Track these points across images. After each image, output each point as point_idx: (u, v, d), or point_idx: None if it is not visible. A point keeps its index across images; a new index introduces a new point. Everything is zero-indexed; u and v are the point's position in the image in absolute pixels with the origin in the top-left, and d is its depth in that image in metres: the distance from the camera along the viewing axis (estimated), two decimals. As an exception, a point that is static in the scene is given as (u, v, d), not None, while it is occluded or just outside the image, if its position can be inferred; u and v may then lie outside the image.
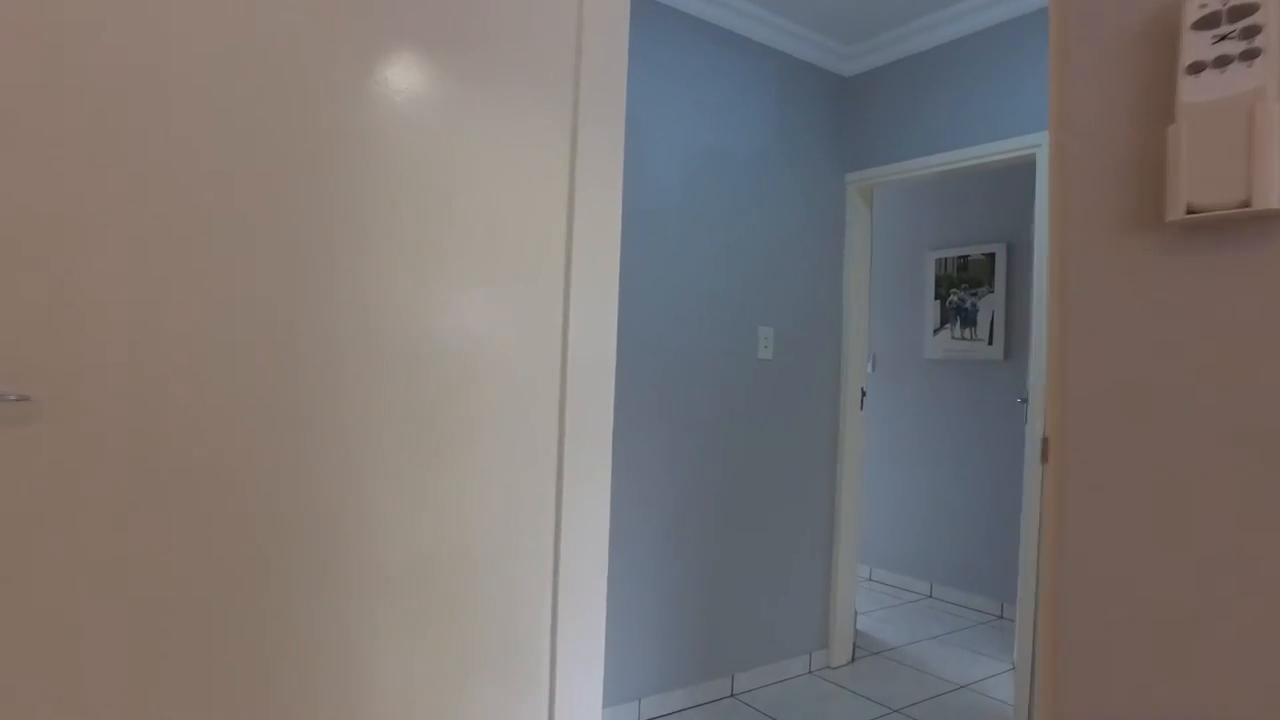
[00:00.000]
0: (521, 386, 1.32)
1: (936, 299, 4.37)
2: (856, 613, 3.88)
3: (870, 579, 4.60)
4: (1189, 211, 0.94)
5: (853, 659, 3.31)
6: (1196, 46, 0.96)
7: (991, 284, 4.11)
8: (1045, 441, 1.08)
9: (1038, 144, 2.63)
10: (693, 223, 2.78)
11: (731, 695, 2.91)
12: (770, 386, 2.99)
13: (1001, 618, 3.93)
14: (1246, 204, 0.91)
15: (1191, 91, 0.95)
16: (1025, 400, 3.28)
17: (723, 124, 2.87)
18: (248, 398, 1.10)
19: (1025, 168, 3.99)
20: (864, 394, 3.25)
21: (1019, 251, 4.01)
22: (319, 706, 1.14)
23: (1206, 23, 0.95)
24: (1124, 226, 1.02)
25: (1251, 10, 0.93)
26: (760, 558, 3.00)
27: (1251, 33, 0.92)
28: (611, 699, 2.59)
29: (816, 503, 3.17)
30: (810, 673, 3.16)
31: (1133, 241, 1.01)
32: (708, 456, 2.82)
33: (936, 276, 4.38)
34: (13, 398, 0.98)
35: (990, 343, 4.08)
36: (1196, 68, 0.96)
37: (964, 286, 4.24)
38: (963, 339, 4.22)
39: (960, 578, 4.16)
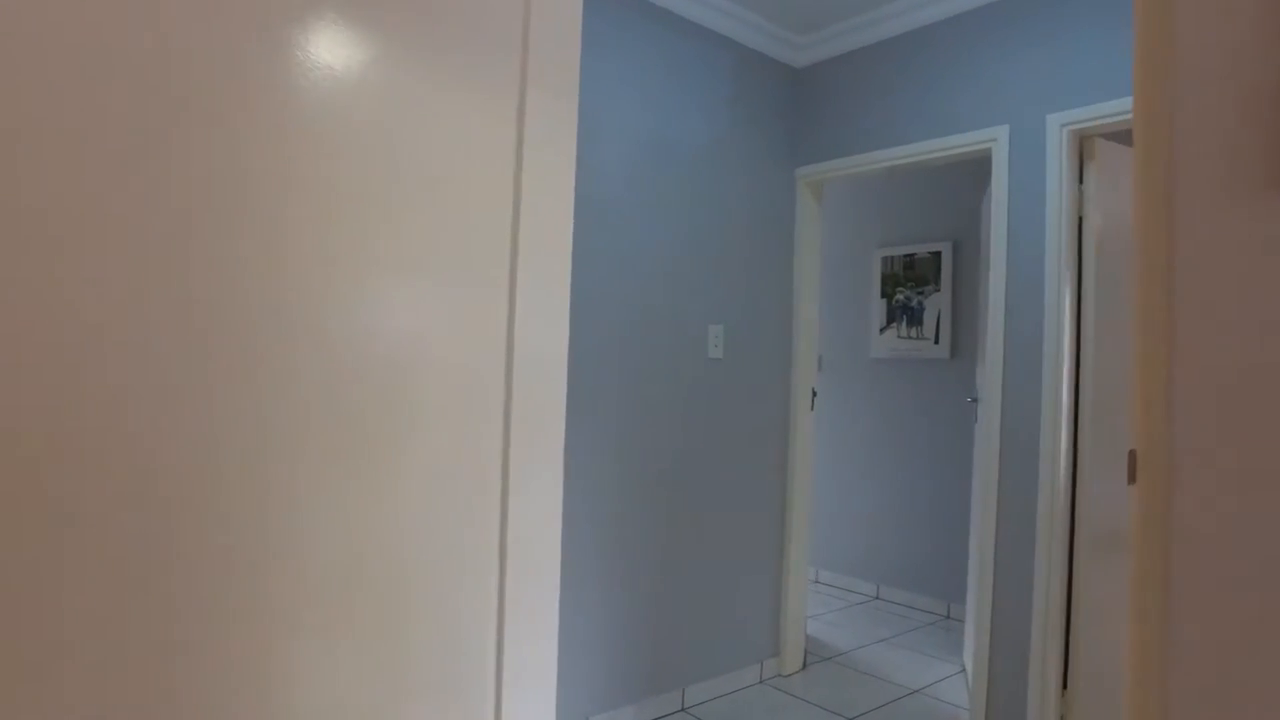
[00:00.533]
0: (460, 386, 1.16)
1: (883, 297, 4.34)
2: (806, 617, 3.81)
3: (817, 581, 4.55)
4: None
5: (804, 666, 3.22)
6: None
7: (938, 282, 4.09)
8: (1132, 456, 0.88)
9: (994, 138, 2.59)
10: (641, 214, 2.65)
11: (682, 709, 2.79)
12: (721, 386, 2.88)
13: (948, 618, 3.92)
14: None
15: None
16: (976, 399, 3.25)
17: (672, 113, 2.75)
18: (151, 403, 0.92)
19: (973, 164, 3.99)
20: (815, 394, 3.17)
21: (965, 250, 4.01)
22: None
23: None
24: (1263, 192, 0.80)
25: None
26: (710, 564, 2.88)
27: None
28: (558, 718, 2.43)
29: (767, 506, 3.08)
30: (762, 682, 3.07)
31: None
32: (657, 459, 2.69)
33: (882, 275, 4.35)
34: None
35: (937, 341, 4.07)
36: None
37: (910, 285, 4.22)
38: (909, 338, 4.19)
39: (907, 578, 4.13)
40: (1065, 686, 2.45)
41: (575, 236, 2.46)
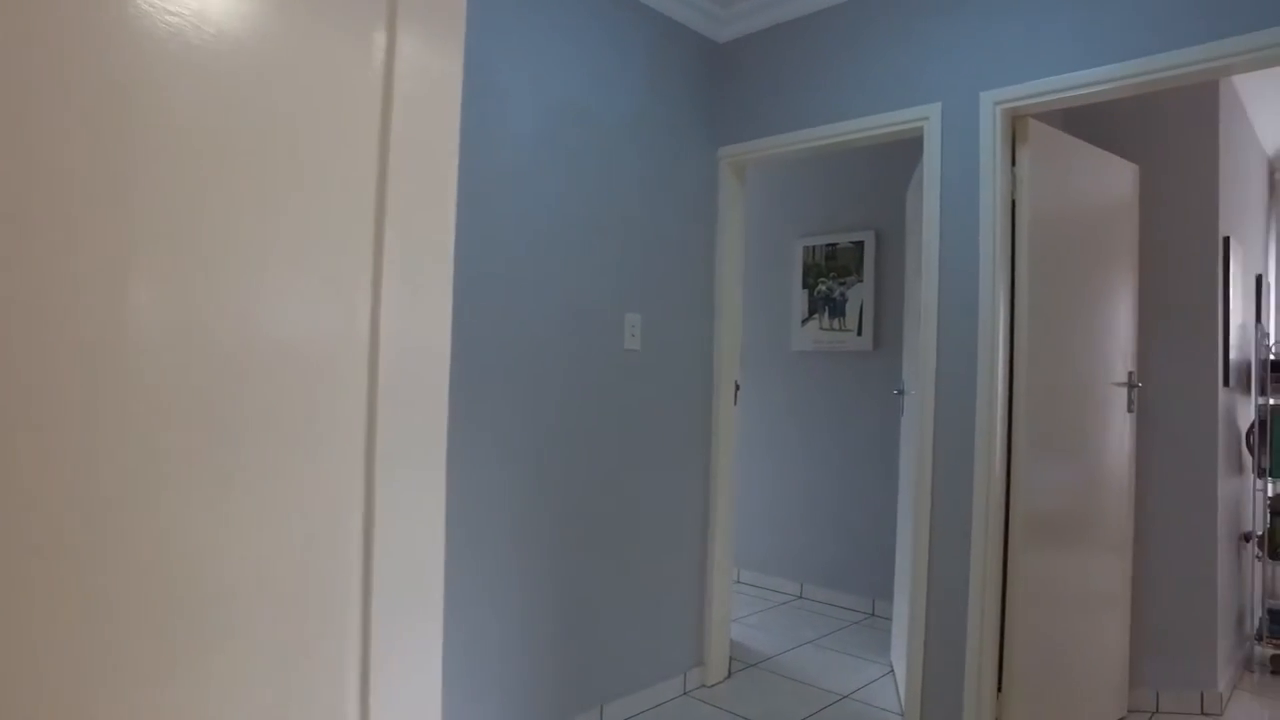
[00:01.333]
0: (309, 385, 0.89)
1: (804, 288, 4.23)
2: (731, 622, 3.64)
3: (739, 581, 4.40)
4: None
5: (729, 674, 3.05)
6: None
7: (860, 273, 4.00)
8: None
9: (926, 116, 2.46)
10: (550, 192, 2.40)
11: (600, 732, 2.56)
12: (638, 379, 2.66)
13: (873, 615, 3.83)
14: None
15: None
16: (902, 392, 3.14)
17: (587, 84, 2.51)
18: None
19: (896, 152, 3.90)
20: (738, 388, 2.99)
21: (888, 239, 3.93)
22: None
23: None
24: None
25: None
26: (629, 571, 2.66)
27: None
28: (459, 756, 2.16)
29: (689, 506, 2.88)
30: (686, 694, 2.87)
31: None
32: (568, 458, 2.45)
33: (804, 265, 4.23)
34: None
35: (859, 333, 3.97)
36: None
37: (832, 276, 4.11)
38: (831, 329, 4.09)
39: (831, 577, 4.03)
40: (1000, 689, 2.35)
41: (474, 212, 2.19)
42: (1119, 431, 2.66)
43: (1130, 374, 2.70)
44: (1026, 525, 2.35)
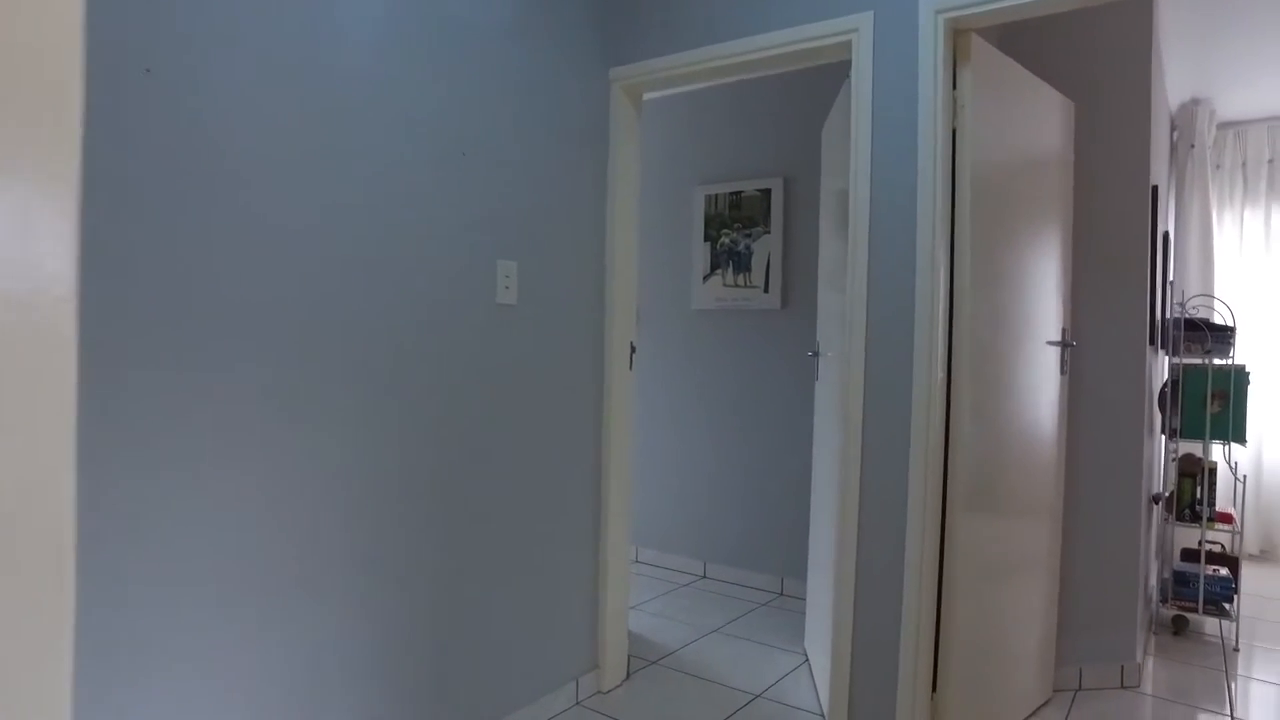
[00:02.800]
0: None
1: (706, 241, 3.85)
2: (629, 613, 3.28)
3: (638, 561, 4.05)
4: None
5: (628, 675, 2.69)
6: None
7: (767, 223, 3.65)
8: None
9: (855, 28, 2.08)
10: (402, 111, 1.87)
11: (476, 765, 2.14)
12: (515, 339, 2.20)
13: (782, 595, 3.56)
14: None
15: None
16: (817, 354, 2.82)
17: (443, -35, 1.98)
18: None
19: (806, 88, 3.54)
20: (633, 349, 2.58)
21: (798, 186, 3.58)
22: None
23: None
24: None
25: None
26: (508, 563, 2.23)
27: None
28: (287, 827, 1.69)
29: (578, 484, 2.47)
30: (579, 704, 2.49)
31: None
32: (427, 436, 1.97)
33: (705, 215, 3.85)
34: None
35: (766, 290, 3.64)
36: None
37: (737, 226, 3.75)
38: (736, 286, 3.74)
39: (737, 554, 3.73)
40: (935, 687, 2.08)
41: (297, 123, 1.65)
42: (1051, 394, 2.42)
43: (1064, 332, 2.47)
44: (967, 498, 2.07)
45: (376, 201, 1.81)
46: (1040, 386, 2.37)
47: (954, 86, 2.04)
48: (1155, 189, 2.64)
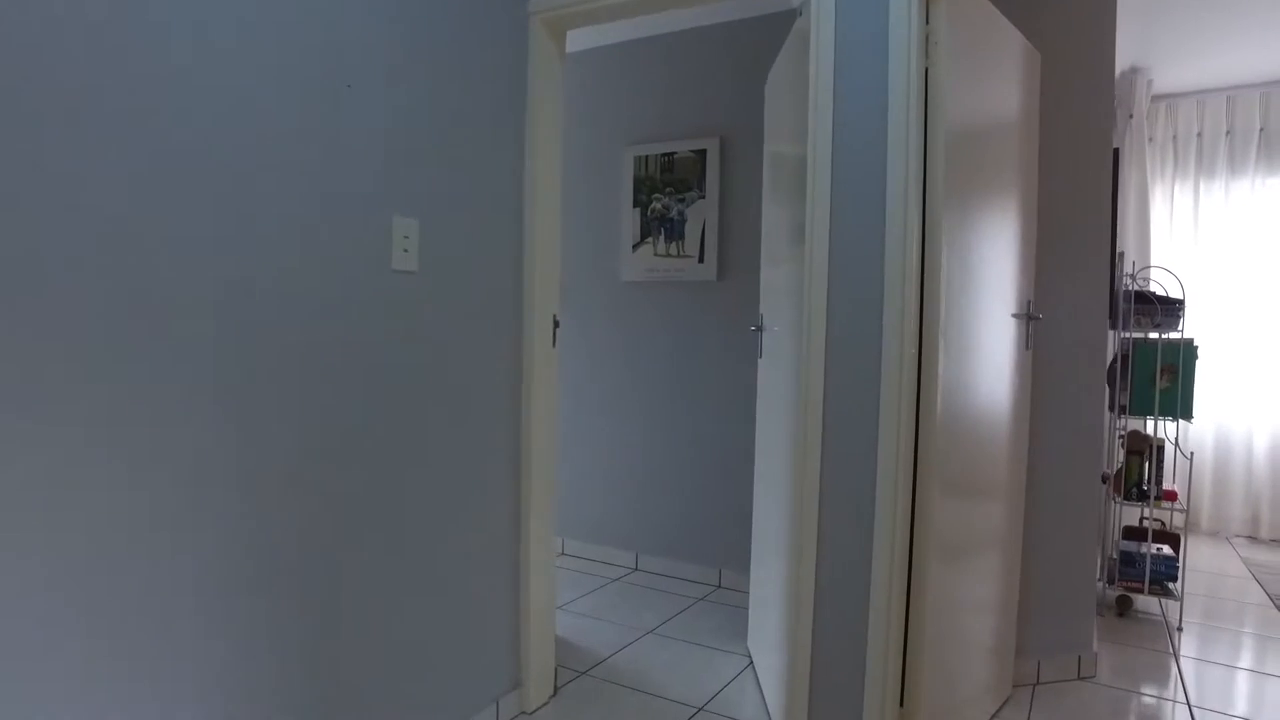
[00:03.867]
0: None
1: (635, 207, 3.53)
2: (555, 614, 2.98)
3: (564, 554, 3.75)
4: None
5: (555, 691, 2.39)
6: None
7: (702, 187, 3.36)
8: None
9: (815, -56, 1.79)
10: (273, 33, 1.48)
11: (377, 818, 1.81)
12: (415, 312, 1.85)
13: (720, 588, 3.33)
14: None
15: None
16: (760, 328, 2.57)
17: None
18: None
19: (745, 39, 3.25)
20: (556, 324, 2.25)
21: (736, 147, 3.30)
22: None
23: None
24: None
25: None
26: (413, 567, 1.89)
27: None
28: None
29: (495, 478, 2.14)
30: (499, 728, 2.18)
31: None
32: (309, 430, 1.61)
33: (635, 179, 3.53)
34: None
35: (701, 260, 3.36)
36: None
37: (669, 191, 3.45)
38: (668, 255, 3.44)
39: (671, 544, 3.48)
40: (903, 700, 1.86)
41: (110, 42, 1.24)
42: (1015, 370, 2.23)
43: (1029, 304, 2.28)
44: (939, 483, 1.85)
45: (222, 148, 1.42)
46: (1005, 362, 2.17)
47: (925, 21, 1.78)
48: (1117, 152, 2.47)
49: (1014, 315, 2.20)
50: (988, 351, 2.06)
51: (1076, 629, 2.47)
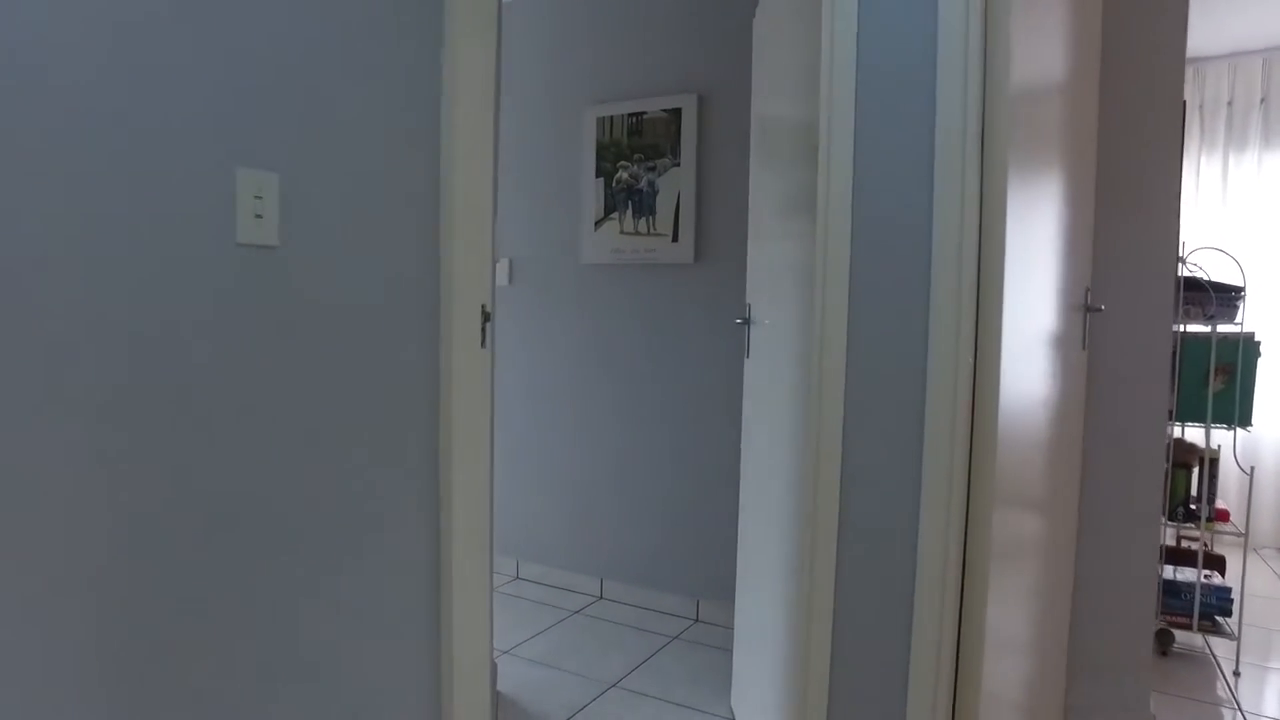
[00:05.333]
0: None
1: (598, 176, 3.03)
2: (496, 667, 2.49)
3: (519, 578, 3.27)
4: None
5: (495, 775, 1.91)
6: None
7: (676, 154, 2.86)
8: None
9: None
10: None
11: None
12: (272, 302, 1.33)
13: (698, 621, 2.86)
14: None
15: None
16: (748, 320, 2.09)
17: None
18: None
19: (720, -19, 2.75)
20: (487, 317, 1.74)
21: (717, 104, 2.80)
22: None
23: None
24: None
25: None
26: (270, 663, 1.38)
27: None
28: None
29: (396, 520, 1.63)
30: (419, 834, 1.68)
31: None
32: (128, 472, 1.09)
33: (599, 144, 3.02)
34: None
35: (675, 238, 2.86)
36: None
37: (637, 158, 2.94)
38: (637, 234, 2.94)
39: (642, 570, 3.00)
40: (941, 824, 1.40)
41: None
42: (1070, 377, 1.77)
43: (1087, 292, 1.82)
44: (997, 514, 1.38)
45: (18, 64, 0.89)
46: (1059, 366, 1.71)
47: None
48: (1185, 105, 2.01)
49: (1072, 307, 1.74)
50: (1040, 354, 1.60)
51: (1131, 683, 2.04)
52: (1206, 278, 2.51)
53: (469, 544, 1.72)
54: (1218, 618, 2.53)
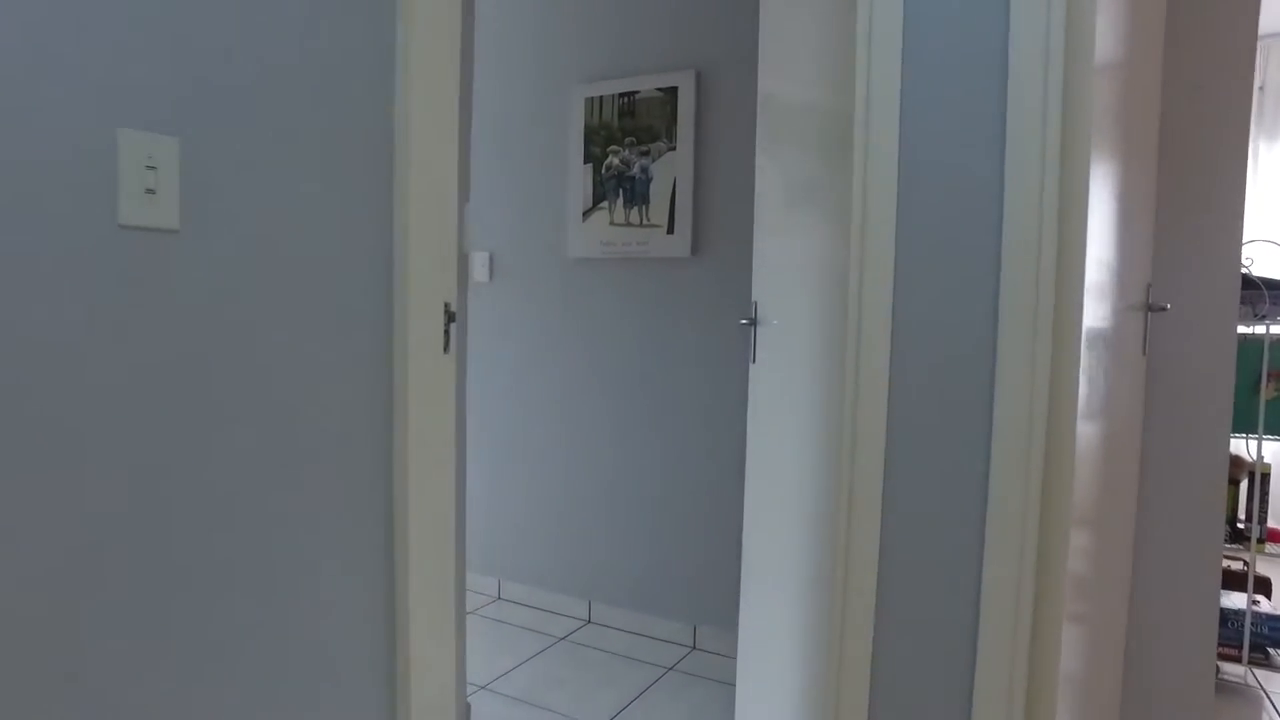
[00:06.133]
0: None
1: (587, 163, 2.77)
2: (470, 709, 2.24)
3: (500, 599, 3.01)
4: None
5: (465, 844, 1.66)
6: None
7: (672, 137, 2.61)
8: None
9: None
10: None
11: None
12: (169, 302, 1.06)
13: (695, 649, 2.62)
14: None
15: None
16: (754, 321, 1.84)
17: None
18: None
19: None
20: (452, 317, 1.47)
21: (717, 81, 2.55)
22: None
23: None
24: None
25: None
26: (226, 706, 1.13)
27: None
28: None
29: (346, 562, 1.38)
30: None
31: None
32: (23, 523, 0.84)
33: (587, 127, 2.77)
34: None
35: (671, 230, 2.61)
36: None
37: (629, 142, 2.69)
38: (629, 225, 2.69)
39: (634, 593, 2.75)
40: None
41: None
42: (1131, 381, 1.53)
43: (1148, 289, 1.58)
44: (1071, 545, 1.14)
45: None
46: (1126, 366, 1.47)
47: None
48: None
49: (1131, 307, 1.50)
50: (1102, 359, 1.36)
51: (1186, 732, 1.81)
52: (1257, 274, 2.28)
53: (431, 578, 1.46)
54: (1270, 649, 2.30)
